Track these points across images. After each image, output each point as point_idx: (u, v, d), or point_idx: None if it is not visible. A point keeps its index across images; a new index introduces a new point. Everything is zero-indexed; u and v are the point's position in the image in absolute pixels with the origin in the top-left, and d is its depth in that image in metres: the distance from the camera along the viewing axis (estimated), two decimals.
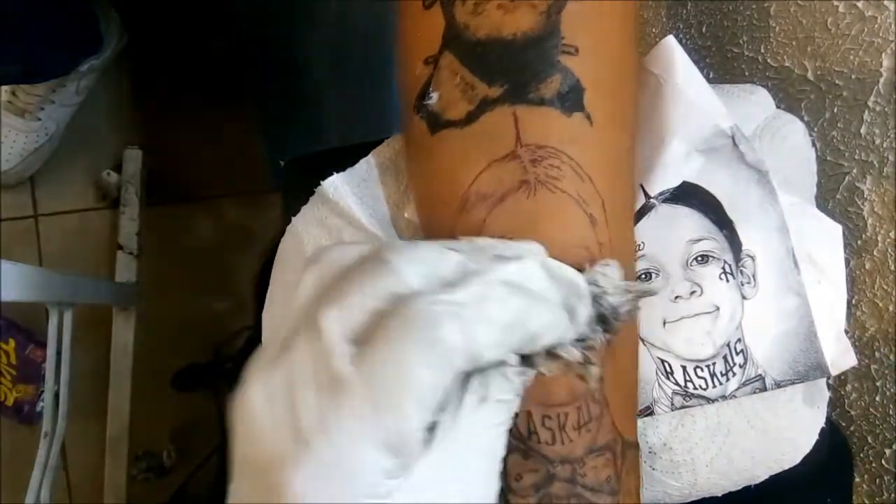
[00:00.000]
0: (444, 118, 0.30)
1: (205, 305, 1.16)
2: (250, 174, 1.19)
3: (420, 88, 0.31)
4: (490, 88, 0.29)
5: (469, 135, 0.29)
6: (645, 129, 0.35)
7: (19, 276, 0.70)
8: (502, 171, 0.29)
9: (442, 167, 0.30)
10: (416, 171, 0.33)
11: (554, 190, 0.28)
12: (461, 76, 0.29)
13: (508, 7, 0.28)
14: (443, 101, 0.30)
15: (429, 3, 0.30)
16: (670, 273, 0.35)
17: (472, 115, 0.29)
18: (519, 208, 0.28)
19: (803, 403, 0.36)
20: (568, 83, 0.29)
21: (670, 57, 0.34)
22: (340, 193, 0.35)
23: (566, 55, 0.29)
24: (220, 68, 1.09)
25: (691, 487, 0.36)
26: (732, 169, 0.35)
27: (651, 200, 0.34)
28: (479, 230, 0.29)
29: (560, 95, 0.29)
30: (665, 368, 0.35)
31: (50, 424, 0.84)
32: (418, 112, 0.31)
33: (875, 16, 0.36)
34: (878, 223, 0.39)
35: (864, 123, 0.39)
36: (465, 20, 0.29)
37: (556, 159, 0.28)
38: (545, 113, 0.29)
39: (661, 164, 0.34)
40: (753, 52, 0.45)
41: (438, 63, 0.30)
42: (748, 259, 0.35)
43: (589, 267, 0.26)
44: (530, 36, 0.28)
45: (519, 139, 0.29)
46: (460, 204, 0.29)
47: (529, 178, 0.28)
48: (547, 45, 0.29)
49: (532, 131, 0.29)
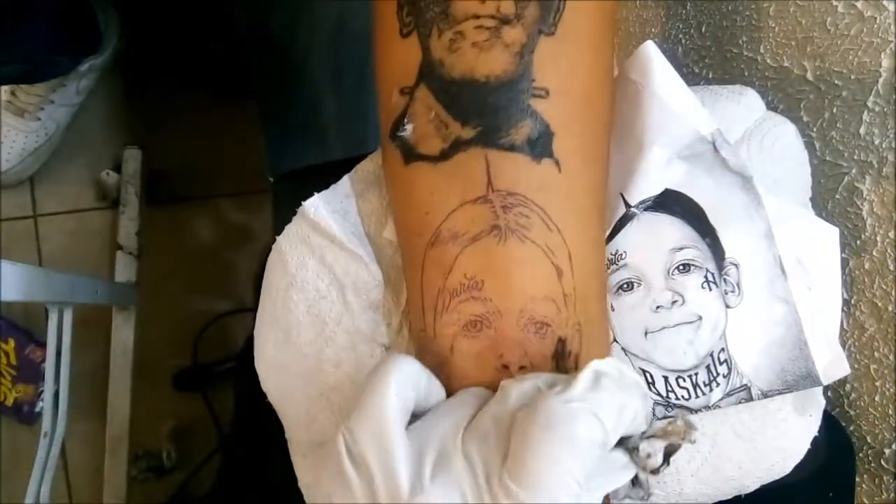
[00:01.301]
0: (417, 151, 0.31)
1: (205, 305, 1.16)
2: (250, 174, 1.19)
3: (395, 118, 0.31)
4: (463, 129, 0.30)
5: (442, 171, 0.30)
6: (625, 136, 0.35)
7: (19, 276, 0.70)
8: (475, 212, 0.30)
9: (415, 199, 0.31)
10: (391, 196, 0.34)
11: (524, 240, 0.30)
12: (436, 112, 0.30)
13: (483, 46, 0.29)
14: (417, 134, 0.31)
15: (406, 33, 0.31)
16: (651, 282, 0.34)
17: (446, 153, 0.30)
18: (491, 252, 0.30)
19: (794, 412, 0.35)
20: (538, 128, 0.29)
21: (649, 63, 0.34)
22: (321, 213, 0.35)
23: (536, 99, 0.29)
24: (220, 68, 1.09)
25: (677, 497, 0.35)
26: (716, 175, 0.35)
27: (632, 209, 0.34)
28: (451, 265, 0.30)
29: (530, 141, 0.29)
30: (646, 379, 0.35)
31: (50, 424, 0.84)
32: (393, 140, 0.31)
33: (874, 16, 0.36)
34: (878, 223, 0.39)
35: (864, 124, 0.39)
36: (440, 56, 0.30)
37: (526, 207, 0.30)
38: (515, 159, 0.29)
39: (641, 172, 0.34)
40: (752, 53, 0.46)
41: (414, 94, 0.31)
42: (732, 267, 0.35)
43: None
44: (503, 80, 0.29)
45: (490, 184, 0.30)
46: (432, 237, 0.31)
47: (500, 223, 0.30)
48: (518, 89, 0.29)
49: (503, 177, 0.30)
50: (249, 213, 1.20)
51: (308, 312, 0.35)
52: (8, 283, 0.67)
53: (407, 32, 0.30)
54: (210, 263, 1.18)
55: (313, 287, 0.35)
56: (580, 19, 0.30)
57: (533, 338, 0.30)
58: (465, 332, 0.30)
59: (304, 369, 0.35)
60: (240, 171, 1.20)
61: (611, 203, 0.34)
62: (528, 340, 0.30)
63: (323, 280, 0.35)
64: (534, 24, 0.29)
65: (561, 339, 0.30)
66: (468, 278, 0.30)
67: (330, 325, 0.35)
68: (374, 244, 0.36)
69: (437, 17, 0.30)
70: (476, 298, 0.30)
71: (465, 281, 0.30)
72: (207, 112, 1.17)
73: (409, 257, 0.33)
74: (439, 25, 0.30)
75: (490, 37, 0.29)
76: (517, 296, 0.30)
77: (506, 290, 0.30)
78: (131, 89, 1.20)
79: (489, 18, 0.29)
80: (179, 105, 1.17)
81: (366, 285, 0.35)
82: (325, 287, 0.35)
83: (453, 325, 0.30)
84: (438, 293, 0.30)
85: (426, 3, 0.30)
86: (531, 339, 0.30)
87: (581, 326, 0.31)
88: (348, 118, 0.56)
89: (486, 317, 0.30)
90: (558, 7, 0.29)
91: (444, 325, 0.30)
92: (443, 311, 0.30)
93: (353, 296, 0.35)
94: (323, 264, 0.36)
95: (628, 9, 0.60)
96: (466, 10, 0.29)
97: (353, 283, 0.35)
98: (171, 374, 1.14)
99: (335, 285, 0.35)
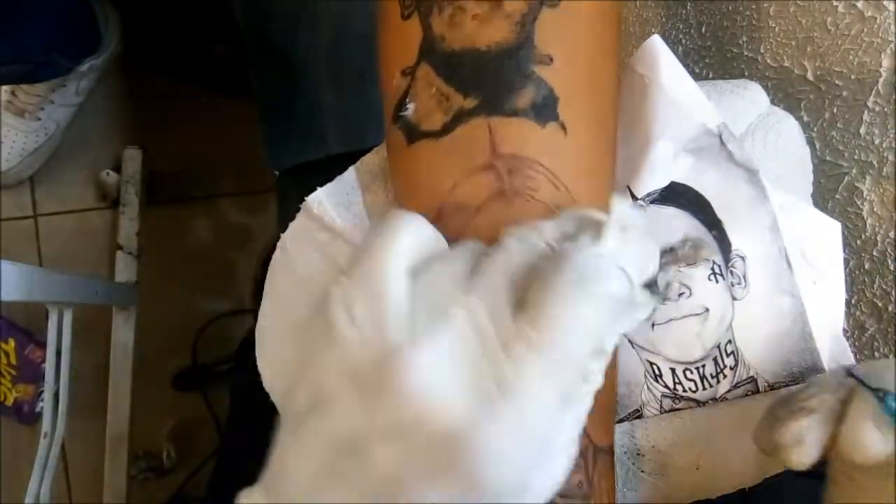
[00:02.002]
0: (420, 129, 0.30)
1: (205, 305, 1.16)
2: (250, 174, 1.19)
3: (397, 99, 0.31)
4: (465, 100, 0.29)
5: (445, 146, 0.30)
6: (631, 130, 0.35)
7: (19, 276, 0.70)
8: (479, 181, 0.29)
9: (420, 177, 0.31)
10: (396, 181, 0.34)
11: (530, 200, 0.29)
12: (437, 87, 0.30)
13: (484, 18, 0.29)
14: (419, 113, 0.30)
15: (407, 14, 0.30)
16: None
17: (448, 126, 0.30)
18: (497, 218, 0.29)
19: None
20: (542, 93, 0.29)
21: (655, 57, 0.34)
22: (324, 208, 0.35)
23: (540, 65, 0.29)
24: (220, 68, 1.09)
25: (682, 489, 0.35)
26: (722, 168, 0.35)
27: (638, 202, 0.34)
28: (458, 239, 0.29)
29: (534, 106, 0.29)
30: (654, 371, 0.35)
31: (50, 424, 0.84)
32: (396, 122, 0.31)
33: (874, 16, 0.36)
34: (878, 223, 0.39)
35: (864, 123, 0.39)
36: (441, 31, 0.30)
37: (532, 170, 0.29)
38: (520, 124, 0.29)
39: (648, 166, 0.34)
40: (753, 52, 0.46)
41: (415, 74, 0.30)
42: (738, 259, 0.35)
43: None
44: (504, 47, 0.29)
45: (494, 150, 0.29)
46: (438, 213, 0.30)
47: (506, 188, 0.29)
48: (521, 56, 0.29)
49: (507, 142, 0.29)
50: (249, 213, 1.20)
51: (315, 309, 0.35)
52: (8, 283, 0.67)
53: (408, 14, 0.30)
54: (210, 263, 1.18)
55: (318, 283, 0.35)
56: None
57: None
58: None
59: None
60: (239, 171, 1.20)
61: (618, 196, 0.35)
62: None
63: (328, 276, 0.35)
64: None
65: None
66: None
67: None
68: None
69: None
70: None
71: None
72: (207, 112, 1.17)
73: None
74: (440, 3, 0.29)
75: (490, 9, 0.29)
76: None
77: None
78: (131, 89, 1.20)
79: None
80: (179, 105, 1.17)
81: None
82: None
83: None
84: None
85: None
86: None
87: None
88: (348, 117, 0.56)
89: None
90: None
91: None
92: None
93: None
94: (328, 259, 0.35)
95: (628, 9, 0.60)
96: None
97: None
98: (171, 374, 1.14)
99: None
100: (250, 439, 0.66)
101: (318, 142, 0.56)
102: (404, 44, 0.31)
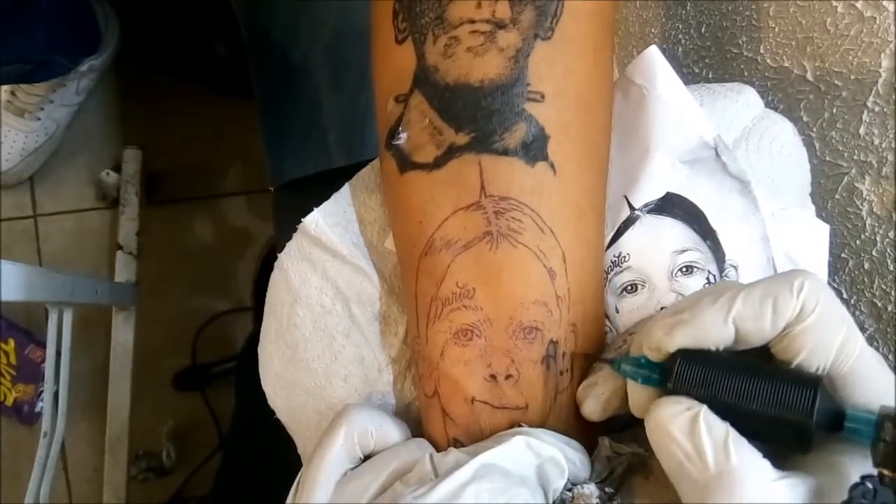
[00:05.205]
0: (412, 160, 0.31)
1: (204, 305, 1.16)
2: (250, 174, 1.20)
3: (391, 126, 0.31)
4: (457, 135, 0.30)
5: (436, 180, 0.30)
6: (628, 140, 0.35)
7: (19, 276, 0.70)
8: (467, 219, 0.30)
9: (410, 208, 0.31)
10: (388, 204, 0.34)
11: (515, 244, 0.29)
12: (430, 119, 0.30)
13: (478, 51, 0.29)
14: (411, 143, 0.31)
15: (401, 39, 0.31)
16: (656, 284, 0.34)
17: (440, 160, 0.30)
18: (482, 259, 0.30)
19: None
20: (532, 132, 0.29)
21: (653, 67, 0.34)
22: (321, 228, 0.35)
23: (532, 102, 0.29)
24: (220, 68, 1.09)
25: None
26: (716, 179, 0.35)
27: (636, 212, 0.34)
28: (444, 274, 0.30)
29: (524, 145, 0.29)
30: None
31: (50, 424, 0.84)
32: (389, 150, 0.32)
33: (874, 16, 0.36)
34: (877, 223, 0.39)
35: (863, 124, 0.39)
36: (435, 62, 0.30)
37: (519, 212, 0.30)
38: (509, 163, 0.29)
39: (645, 176, 0.34)
40: (752, 53, 0.46)
41: (409, 103, 0.31)
42: (731, 269, 0.35)
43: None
44: (497, 83, 0.29)
45: (483, 189, 0.30)
46: (426, 247, 0.31)
47: (493, 230, 0.30)
48: (513, 93, 0.29)
49: (496, 182, 0.29)
50: (249, 213, 1.20)
51: (315, 328, 0.35)
52: (8, 283, 0.67)
53: (402, 39, 0.30)
54: (209, 263, 1.19)
55: (318, 302, 0.36)
56: (578, 23, 0.30)
57: (521, 344, 0.30)
58: (455, 340, 0.30)
59: (313, 385, 0.36)
60: (239, 171, 1.20)
61: (615, 205, 0.35)
62: (516, 348, 0.30)
63: (327, 295, 0.35)
64: (530, 29, 0.29)
65: (553, 341, 0.30)
66: (460, 287, 0.30)
67: (338, 338, 0.35)
68: (376, 254, 0.36)
69: (432, 22, 0.29)
70: (467, 307, 0.30)
71: (456, 290, 0.30)
72: (207, 112, 1.17)
73: (404, 266, 0.33)
74: (434, 31, 0.29)
75: (485, 41, 0.29)
76: (507, 302, 0.30)
77: (496, 298, 0.30)
78: (131, 89, 1.20)
79: (484, 23, 0.29)
80: (179, 105, 1.17)
81: (370, 297, 0.35)
82: (329, 302, 0.35)
83: (444, 332, 0.30)
84: (431, 301, 0.31)
85: (421, 9, 0.30)
86: (519, 346, 0.30)
87: (577, 327, 0.31)
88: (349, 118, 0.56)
89: (476, 325, 0.30)
90: (555, 11, 0.29)
91: (435, 333, 0.31)
92: (435, 318, 0.31)
93: (359, 308, 0.35)
94: (326, 279, 0.36)
95: (628, 9, 0.60)
96: (461, 14, 0.29)
97: (357, 296, 0.35)
98: (171, 374, 1.14)
99: (339, 299, 0.35)
100: (254, 440, 0.67)
101: (318, 146, 0.56)
102: (398, 70, 0.31)
